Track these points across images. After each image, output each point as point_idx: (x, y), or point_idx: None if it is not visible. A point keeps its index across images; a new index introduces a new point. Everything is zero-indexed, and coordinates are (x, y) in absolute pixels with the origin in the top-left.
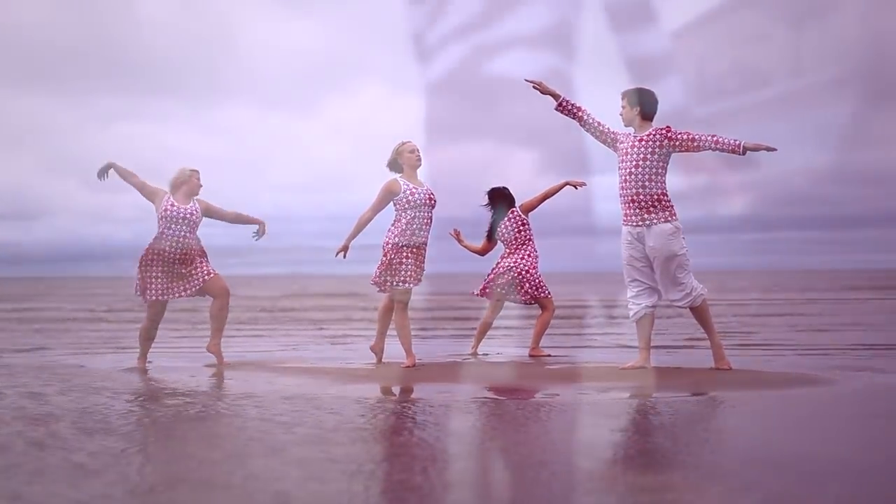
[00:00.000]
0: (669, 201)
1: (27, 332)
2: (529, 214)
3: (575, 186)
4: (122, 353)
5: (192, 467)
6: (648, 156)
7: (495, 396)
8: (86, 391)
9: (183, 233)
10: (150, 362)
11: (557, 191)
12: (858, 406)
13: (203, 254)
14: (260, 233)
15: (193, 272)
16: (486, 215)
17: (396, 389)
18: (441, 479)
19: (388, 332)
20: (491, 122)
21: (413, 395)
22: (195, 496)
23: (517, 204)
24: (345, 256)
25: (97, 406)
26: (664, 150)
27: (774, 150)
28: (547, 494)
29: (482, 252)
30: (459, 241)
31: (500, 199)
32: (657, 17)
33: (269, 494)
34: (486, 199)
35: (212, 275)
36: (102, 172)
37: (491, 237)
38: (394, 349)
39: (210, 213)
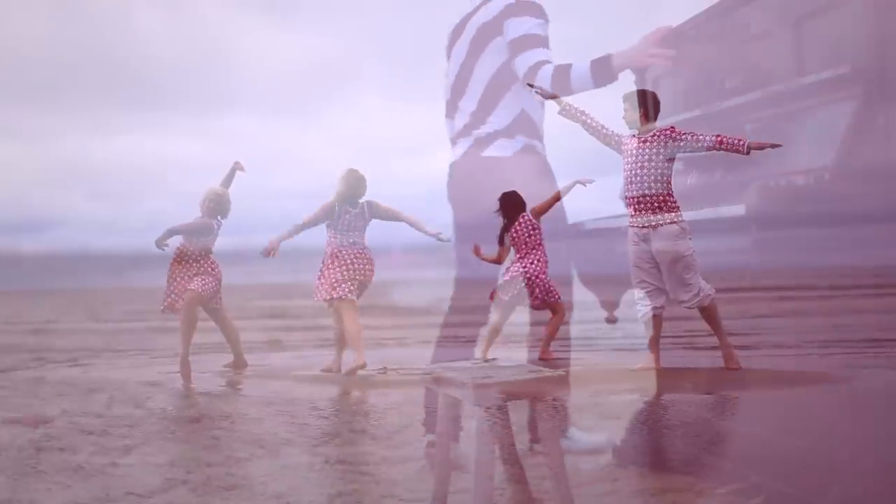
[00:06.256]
0: (675, 202)
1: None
2: (541, 218)
3: (584, 185)
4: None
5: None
6: (653, 157)
7: (504, 399)
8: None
9: None
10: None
11: (567, 192)
12: (872, 404)
13: None
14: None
15: None
16: (495, 220)
17: (397, 394)
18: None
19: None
20: None
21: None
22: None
23: (528, 208)
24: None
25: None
26: (668, 151)
27: (780, 145)
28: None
29: (499, 260)
30: (479, 255)
31: (511, 203)
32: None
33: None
34: (497, 205)
35: None
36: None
37: (503, 243)
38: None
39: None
